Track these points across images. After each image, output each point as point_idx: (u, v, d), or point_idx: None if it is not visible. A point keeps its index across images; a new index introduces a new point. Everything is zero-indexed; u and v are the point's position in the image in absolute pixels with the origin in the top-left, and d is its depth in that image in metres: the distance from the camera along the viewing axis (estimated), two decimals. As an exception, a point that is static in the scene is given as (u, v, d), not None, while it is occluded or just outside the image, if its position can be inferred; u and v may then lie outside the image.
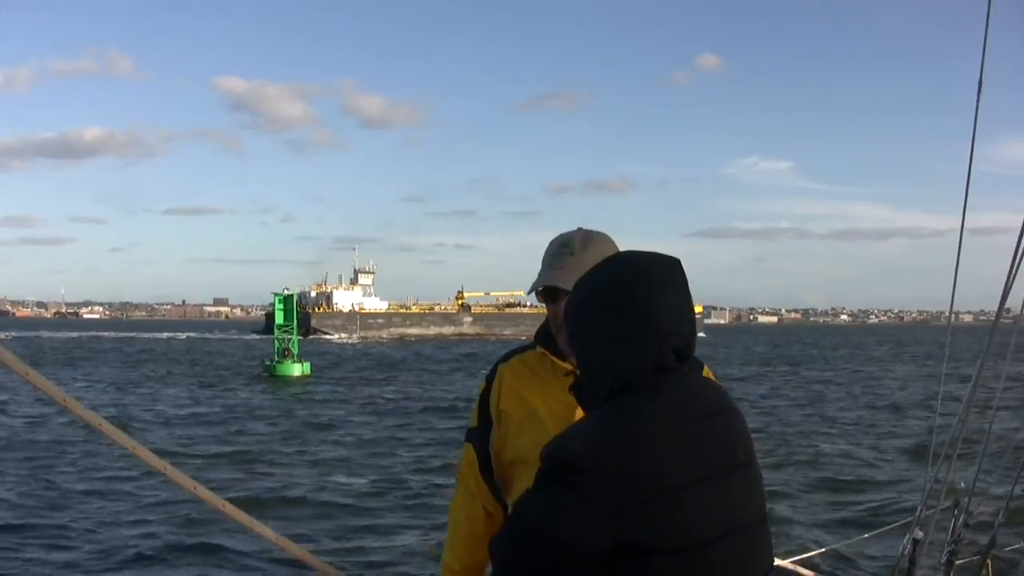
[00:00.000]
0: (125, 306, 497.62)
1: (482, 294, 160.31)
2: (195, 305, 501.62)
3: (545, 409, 3.05)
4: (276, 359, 55.01)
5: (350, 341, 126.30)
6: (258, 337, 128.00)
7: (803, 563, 6.64)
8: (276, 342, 56.02)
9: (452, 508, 3.36)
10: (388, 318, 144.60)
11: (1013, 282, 5.80)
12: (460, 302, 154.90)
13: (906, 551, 5.93)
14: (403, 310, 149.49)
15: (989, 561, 6.74)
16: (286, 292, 60.65)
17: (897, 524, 7.51)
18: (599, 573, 2.18)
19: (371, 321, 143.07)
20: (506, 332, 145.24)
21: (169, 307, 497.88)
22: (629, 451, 2.17)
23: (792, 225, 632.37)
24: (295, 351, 55.88)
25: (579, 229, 3.18)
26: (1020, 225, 5.73)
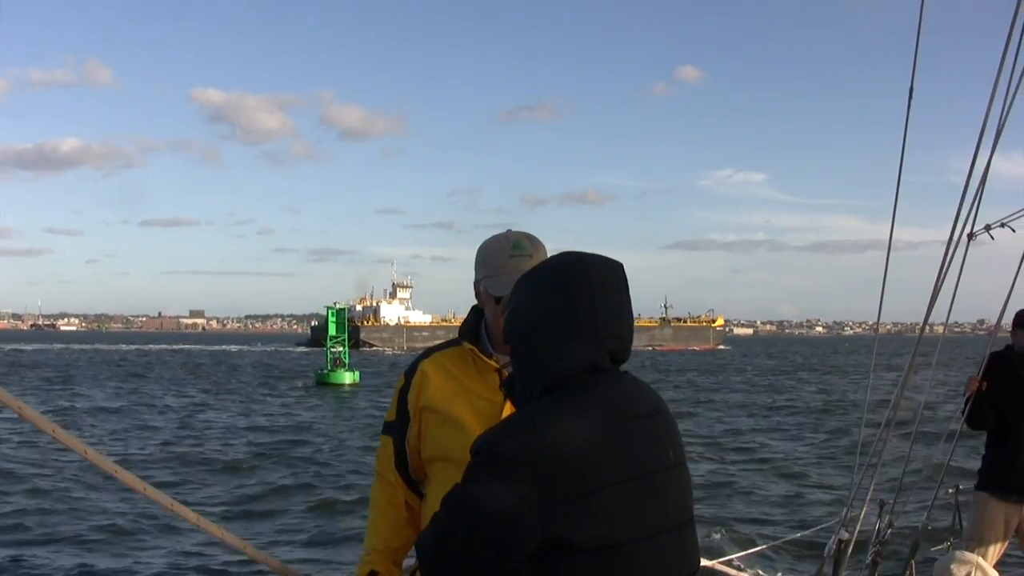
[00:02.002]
0: (101, 318, 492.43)
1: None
2: (171, 317, 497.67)
3: (468, 405, 3.04)
4: (328, 368, 57.16)
5: (397, 352, 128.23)
6: (305, 350, 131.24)
7: (730, 564, 6.76)
8: (328, 353, 58.48)
9: (373, 495, 3.32)
10: (432, 330, 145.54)
11: (937, 297, 6.04)
12: None
13: (831, 552, 6.06)
14: (445, 322, 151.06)
15: (913, 562, 6.97)
16: (337, 306, 63.11)
17: (823, 526, 7.65)
18: (525, 569, 2.19)
19: (416, 333, 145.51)
20: None
21: (145, 319, 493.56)
22: (560, 447, 2.17)
23: (767, 237, 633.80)
24: (346, 360, 58.01)
25: (509, 231, 3.19)
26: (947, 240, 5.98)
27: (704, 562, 6.50)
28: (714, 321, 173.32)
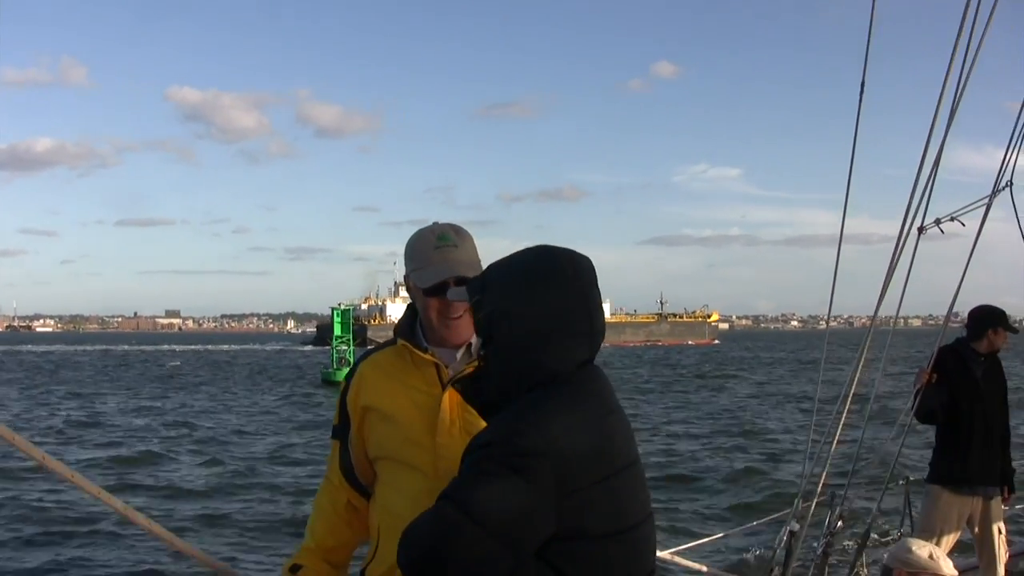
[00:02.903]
0: (76, 319, 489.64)
1: None
2: (147, 317, 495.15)
3: (409, 401, 3.00)
4: (334, 367, 57.57)
5: None
6: (311, 348, 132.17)
7: (682, 554, 6.79)
8: (334, 352, 59.46)
9: (317, 497, 3.31)
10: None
11: (887, 289, 6.09)
12: None
13: (783, 542, 6.11)
14: None
15: (864, 553, 7.04)
16: (342, 306, 64.65)
17: (775, 516, 7.70)
18: (528, 562, 2.21)
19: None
20: None
21: (121, 319, 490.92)
22: (571, 438, 2.20)
23: (742, 232, 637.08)
24: (351, 359, 58.21)
25: (435, 223, 3.15)
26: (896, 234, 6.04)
27: (656, 552, 6.56)
28: (709, 316, 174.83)
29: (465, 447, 2.32)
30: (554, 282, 2.34)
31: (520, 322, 2.34)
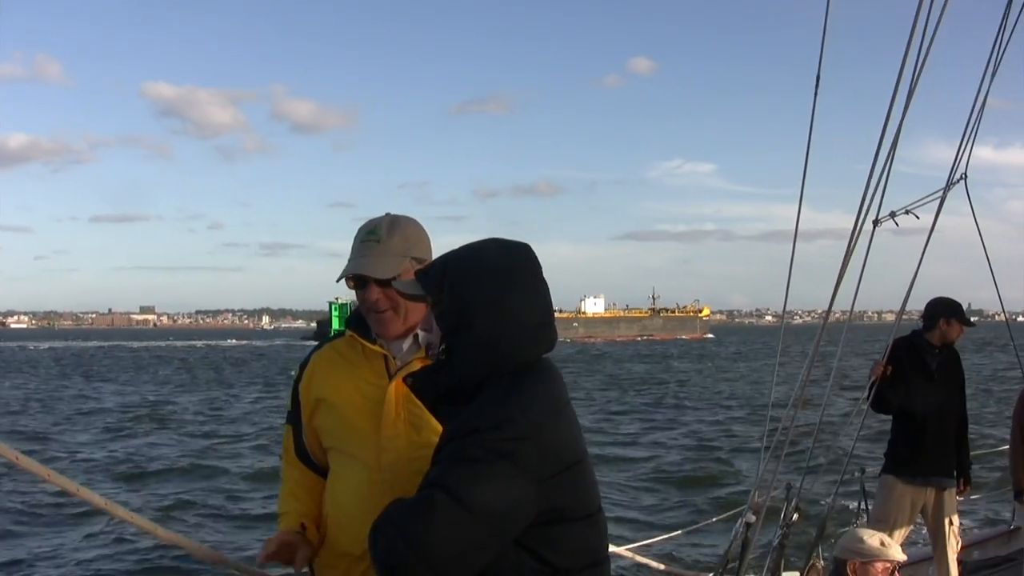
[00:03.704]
0: (50, 315, 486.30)
1: None
2: (122, 313, 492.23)
3: (358, 392, 3.04)
4: None
5: None
6: (314, 343, 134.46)
7: (639, 551, 6.82)
8: None
9: (283, 473, 3.34)
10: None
11: (841, 283, 6.11)
12: None
13: (738, 535, 6.13)
14: None
15: (820, 544, 7.08)
16: (339, 301, 63.10)
17: (732, 512, 7.73)
18: (508, 548, 2.24)
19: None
20: None
21: (95, 315, 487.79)
22: (547, 425, 2.27)
23: (717, 227, 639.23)
24: None
25: (387, 214, 3.17)
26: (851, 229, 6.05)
27: (613, 548, 6.57)
28: (700, 311, 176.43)
29: (441, 436, 2.37)
30: (525, 275, 2.40)
31: (498, 314, 2.35)
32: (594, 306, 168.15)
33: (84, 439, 26.53)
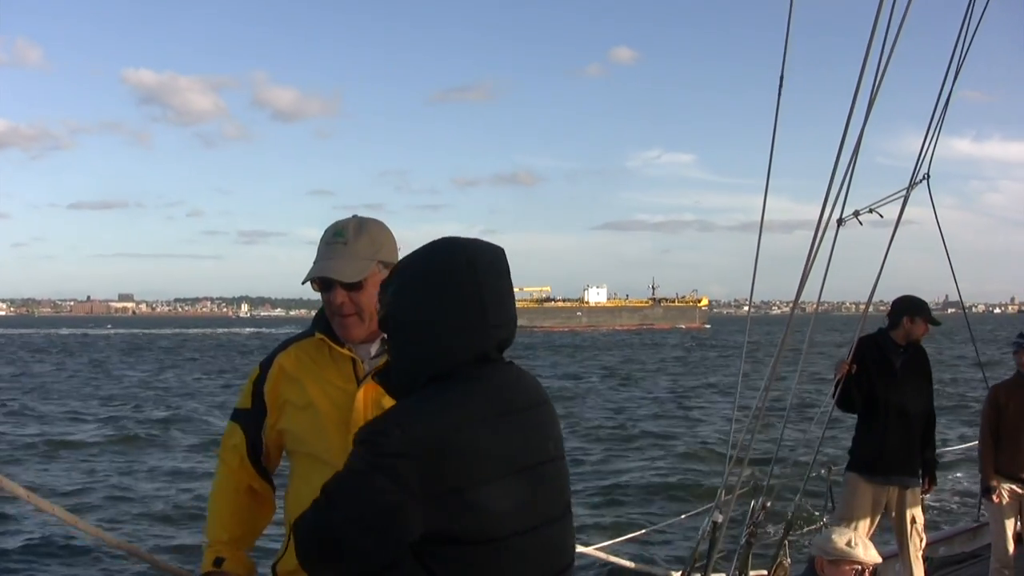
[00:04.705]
0: (28, 302, 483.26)
1: (518, 289, 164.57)
2: (101, 301, 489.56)
3: (323, 396, 3.02)
4: None
5: None
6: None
7: (606, 550, 6.81)
8: None
9: (216, 481, 3.28)
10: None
11: (808, 276, 6.10)
12: None
13: (705, 534, 6.13)
14: None
15: (786, 542, 7.09)
16: None
17: (699, 511, 7.74)
18: (406, 560, 2.17)
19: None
20: (545, 324, 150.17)
21: (74, 303, 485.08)
22: (447, 439, 2.15)
23: (696, 218, 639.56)
24: None
25: (354, 216, 3.13)
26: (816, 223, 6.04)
27: (580, 548, 6.57)
28: (699, 301, 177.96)
29: None
30: (443, 275, 2.30)
31: (410, 316, 2.31)
32: (597, 296, 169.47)
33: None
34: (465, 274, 2.29)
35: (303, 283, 3.02)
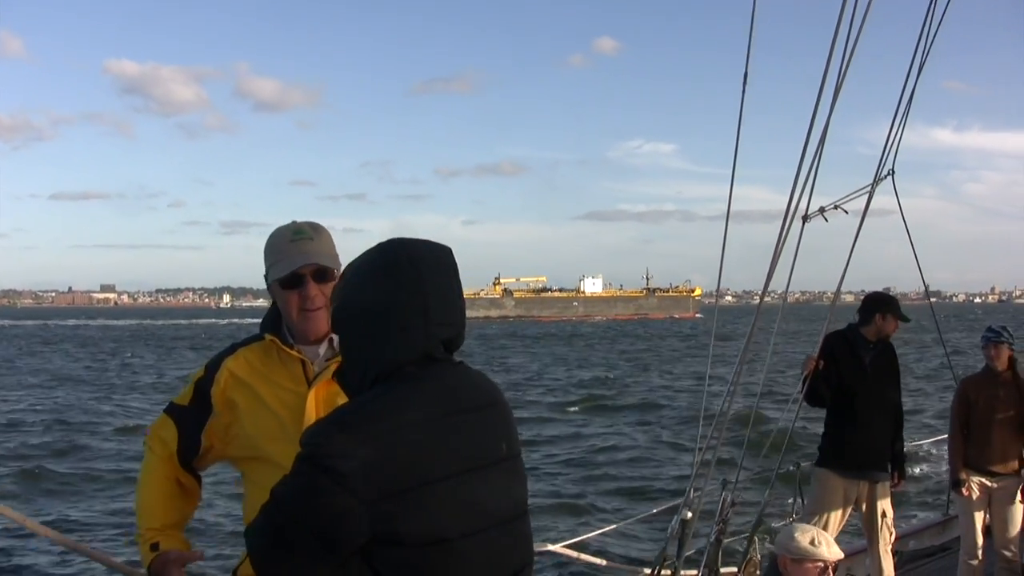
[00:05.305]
0: (9, 293, 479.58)
1: (514, 279, 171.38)
2: (82, 292, 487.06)
3: (275, 399, 3.00)
4: None
5: None
6: None
7: (574, 547, 6.79)
8: None
9: (144, 469, 3.25)
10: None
11: (775, 268, 6.09)
12: (498, 287, 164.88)
13: (674, 531, 6.12)
14: None
15: (756, 538, 7.09)
16: None
17: (668, 506, 7.72)
18: (354, 562, 2.15)
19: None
20: (544, 313, 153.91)
21: (55, 294, 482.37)
22: (390, 441, 2.13)
23: (678, 208, 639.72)
24: None
25: (294, 221, 3.14)
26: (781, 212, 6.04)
27: (548, 546, 6.55)
28: (693, 291, 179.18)
29: None
30: (384, 275, 2.28)
31: (353, 316, 2.30)
32: (592, 286, 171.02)
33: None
34: (406, 272, 2.27)
35: (282, 276, 3.00)
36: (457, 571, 2.21)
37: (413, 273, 2.28)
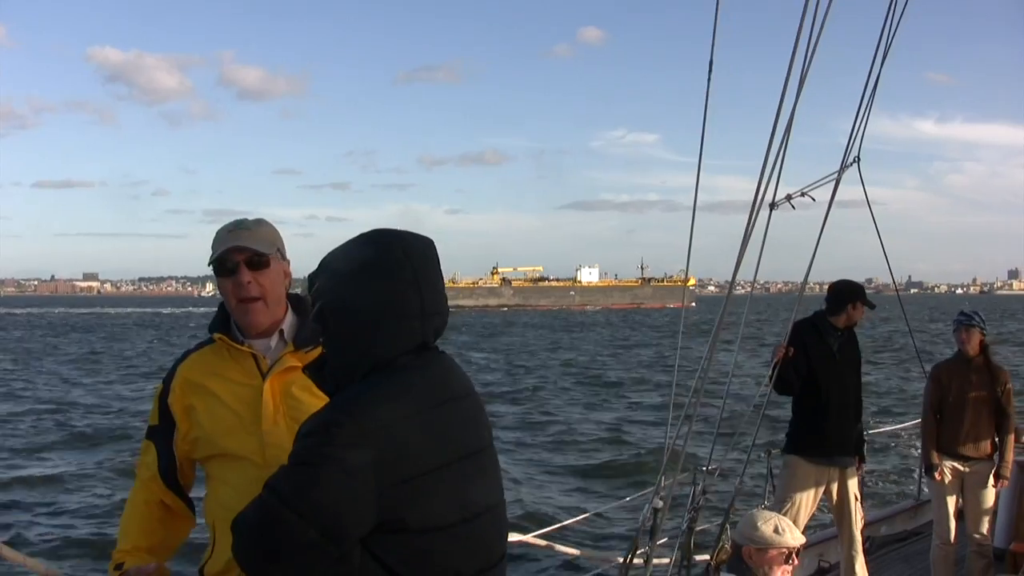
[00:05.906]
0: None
1: (512, 269, 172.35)
2: (65, 280, 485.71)
3: (231, 396, 3.00)
4: None
5: None
6: None
7: (546, 536, 6.80)
8: None
9: (129, 496, 3.25)
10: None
11: (740, 265, 6.08)
12: (496, 276, 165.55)
13: (646, 521, 6.13)
14: (452, 284, 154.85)
15: (728, 526, 7.10)
16: None
17: (639, 495, 7.74)
18: (354, 551, 2.16)
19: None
20: (541, 302, 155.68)
21: (38, 282, 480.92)
22: (395, 428, 2.16)
23: (661, 198, 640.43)
24: None
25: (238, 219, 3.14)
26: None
27: (520, 536, 6.54)
28: (687, 281, 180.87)
29: (295, 434, 2.27)
30: (381, 267, 2.29)
31: (349, 309, 2.30)
32: (589, 275, 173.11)
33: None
34: (404, 267, 2.30)
35: (211, 262, 3.01)
36: (456, 556, 2.26)
37: (410, 268, 2.31)
